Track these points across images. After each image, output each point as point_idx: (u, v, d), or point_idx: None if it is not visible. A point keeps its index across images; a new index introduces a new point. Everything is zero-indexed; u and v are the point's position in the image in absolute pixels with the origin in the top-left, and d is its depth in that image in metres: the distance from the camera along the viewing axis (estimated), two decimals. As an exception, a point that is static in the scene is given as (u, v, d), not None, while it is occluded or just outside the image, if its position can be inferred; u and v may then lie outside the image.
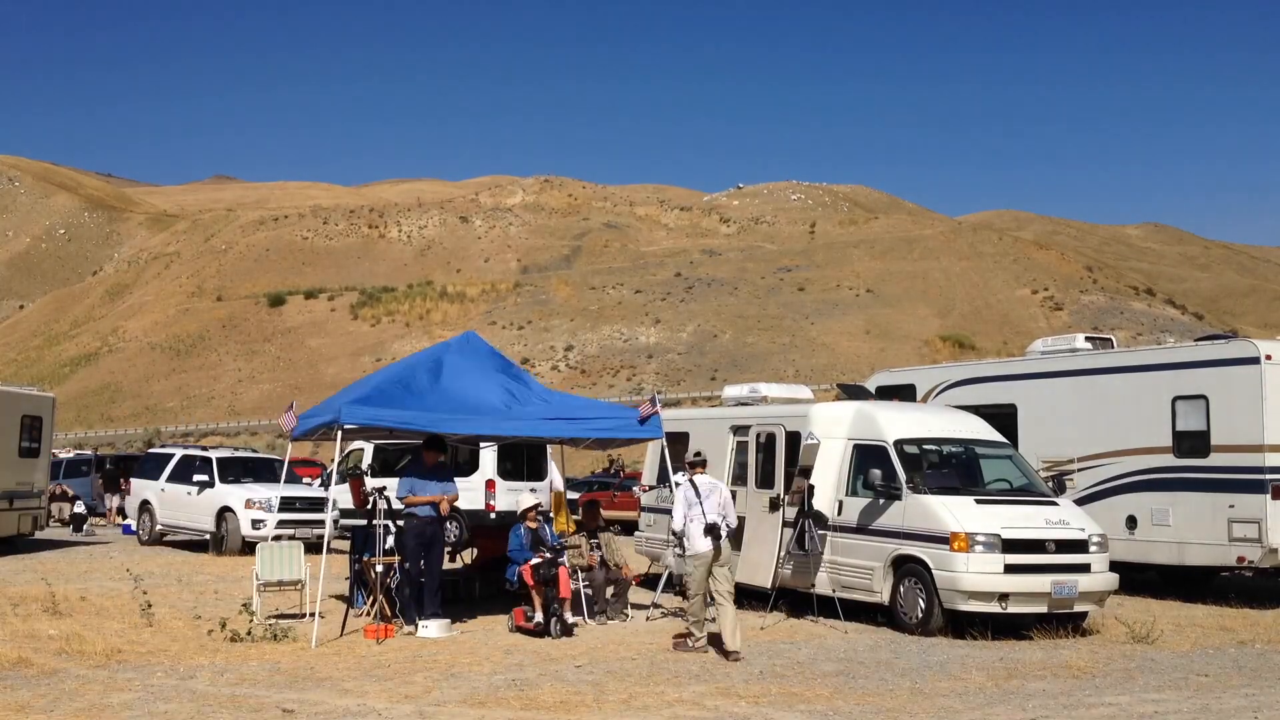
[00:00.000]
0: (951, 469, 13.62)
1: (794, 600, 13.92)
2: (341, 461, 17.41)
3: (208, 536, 21.97)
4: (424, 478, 12.68)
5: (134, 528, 24.96)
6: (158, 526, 23.71)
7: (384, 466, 21.03)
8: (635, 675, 9.91)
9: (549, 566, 12.68)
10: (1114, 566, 13.08)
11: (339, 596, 13.86)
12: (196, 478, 22.39)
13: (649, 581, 15.61)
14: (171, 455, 24.59)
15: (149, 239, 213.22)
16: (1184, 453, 15.55)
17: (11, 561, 19.46)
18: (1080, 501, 15.46)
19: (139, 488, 24.62)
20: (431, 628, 11.95)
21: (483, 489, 20.34)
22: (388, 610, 12.10)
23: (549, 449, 20.49)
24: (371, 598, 12.18)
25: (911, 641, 12.01)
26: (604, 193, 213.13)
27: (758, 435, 14.87)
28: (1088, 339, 18.00)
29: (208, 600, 14.73)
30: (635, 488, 27.01)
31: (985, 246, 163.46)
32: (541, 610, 12.24)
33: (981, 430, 14.23)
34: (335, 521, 18.65)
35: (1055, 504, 13.09)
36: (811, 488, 13.06)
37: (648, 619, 13.52)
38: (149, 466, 25.09)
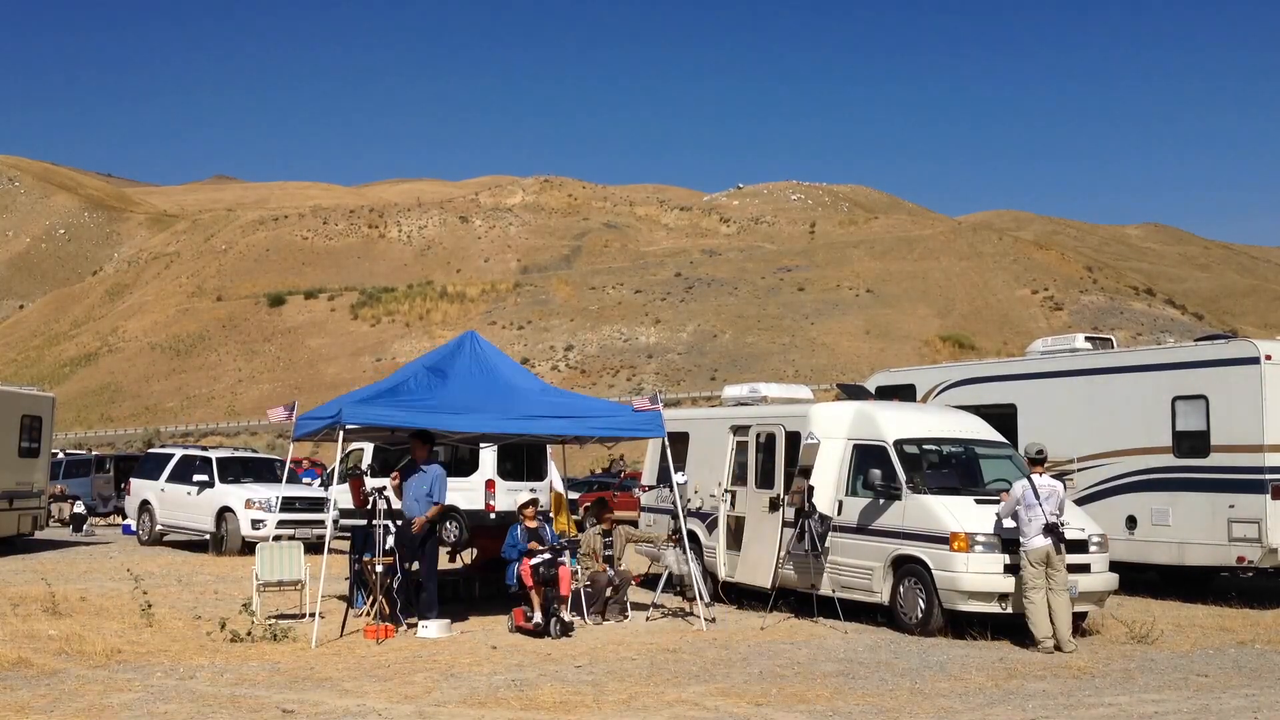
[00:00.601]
0: (951, 469, 13.62)
1: (795, 600, 13.94)
2: (342, 462, 17.42)
3: (208, 536, 21.98)
4: (414, 476, 12.70)
5: (134, 528, 24.98)
6: (157, 526, 23.73)
7: (384, 466, 21.01)
8: (635, 675, 9.92)
9: (549, 566, 12.69)
10: (1114, 566, 13.10)
11: (339, 596, 13.87)
12: (196, 478, 22.40)
13: (649, 581, 15.61)
14: (171, 455, 24.61)
15: (149, 239, 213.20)
16: (1184, 453, 15.55)
17: (11, 561, 19.46)
18: (1080, 501, 15.47)
19: (139, 488, 24.63)
20: (431, 628, 11.96)
21: (482, 489, 20.35)
22: (388, 610, 12.10)
23: (549, 449, 20.51)
24: (371, 598, 12.19)
25: (911, 641, 12.02)
26: (604, 193, 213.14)
27: (758, 435, 14.87)
28: (1088, 339, 18.01)
29: (208, 600, 14.73)
30: (635, 488, 27.03)
31: (985, 246, 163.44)
32: (541, 610, 12.25)
33: (981, 430, 14.24)
34: (335, 521, 18.66)
35: (1055, 504, 13.09)
36: (811, 488, 13.08)
37: (648, 619, 13.52)
38: (149, 466, 25.11)
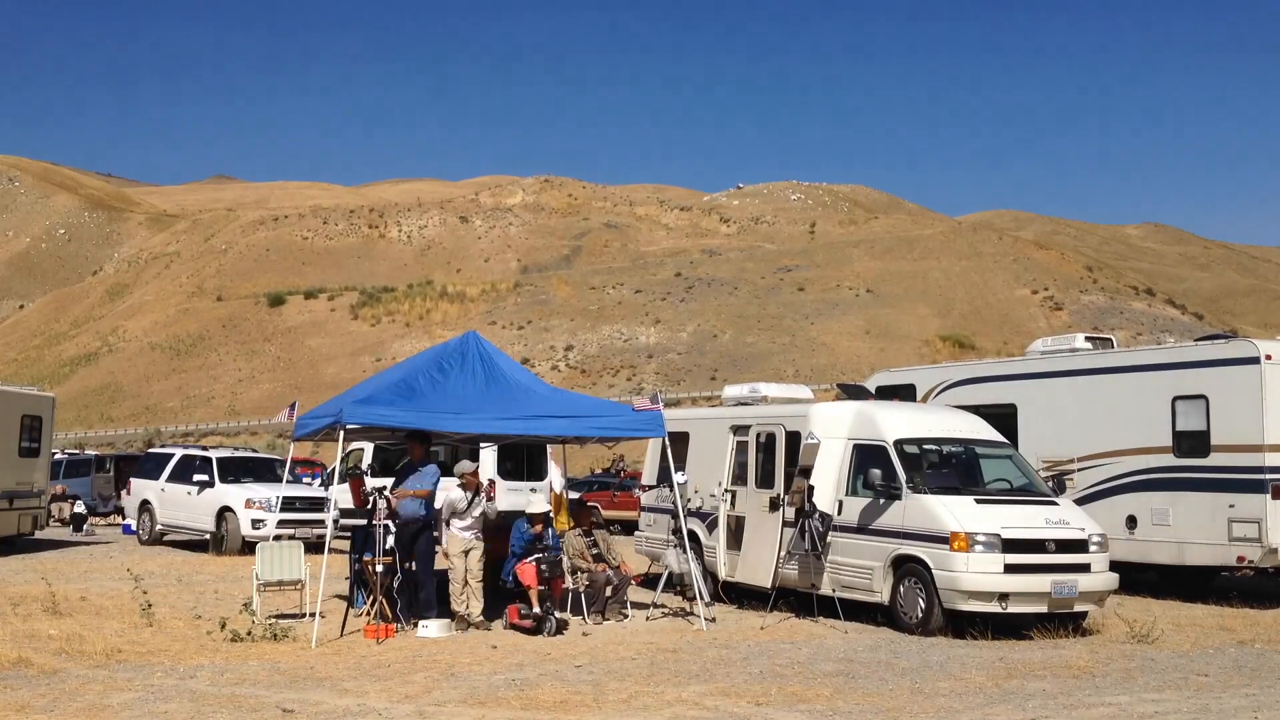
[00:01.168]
0: (951, 469, 13.62)
1: (795, 600, 13.94)
2: (342, 462, 17.42)
3: (208, 536, 21.98)
4: (410, 475, 12.70)
5: (134, 528, 24.98)
6: (158, 526, 23.73)
7: (384, 466, 21.01)
8: (635, 675, 9.92)
9: (554, 567, 12.70)
10: (1114, 566, 13.10)
11: (339, 596, 13.87)
12: (196, 477, 22.42)
13: (649, 581, 15.62)
14: (171, 455, 24.62)
15: (149, 239, 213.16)
16: (1184, 453, 15.56)
17: (11, 561, 19.47)
18: (1080, 501, 15.47)
19: (139, 488, 24.63)
20: (431, 628, 11.96)
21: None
22: (388, 610, 12.10)
23: (549, 449, 20.48)
24: (371, 598, 12.19)
25: (911, 641, 12.02)
26: (604, 193, 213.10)
27: (758, 435, 14.87)
28: (1088, 339, 18.01)
29: (208, 600, 14.73)
30: (635, 488, 27.02)
31: (985, 246, 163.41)
32: (538, 608, 12.26)
33: (981, 430, 14.24)
34: (335, 521, 18.66)
35: (1055, 504, 13.10)
36: (811, 488, 13.08)
37: (648, 619, 13.52)
38: (149, 466, 25.11)
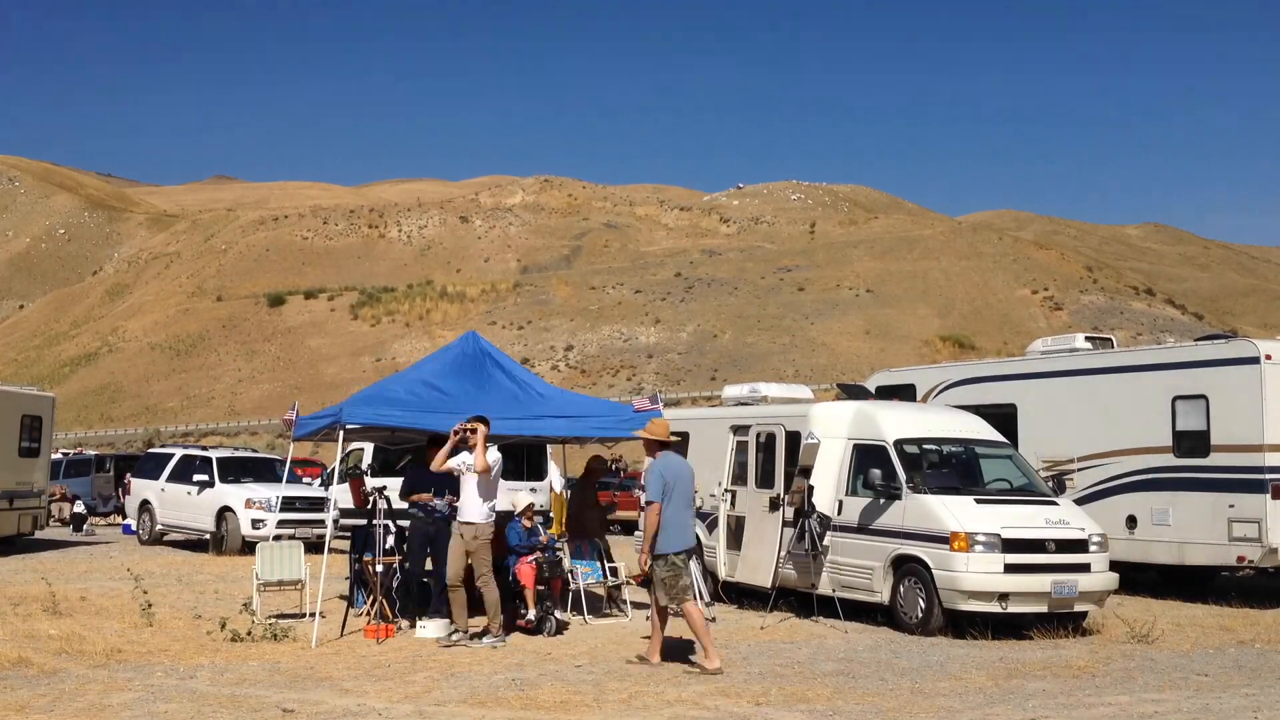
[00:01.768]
0: (951, 469, 13.62)
1: (795, 600, 13.93)
2: (342, 462, 17.44)
3: (208, 536, 21.98)
4: (428, 476, 12.70)
5: (134, 528, 24.98)
6: (158, 526, 23.72)
7: (384, 466, 21.00)
8: (635, 675, 9.92)
9: (554, 567, 12.69)
10: (1114, 566, 13.09)
11: (339, 596, 13.87)
12: (196, 477, 22.41)
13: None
14: (171, 455, 24.62)
15: (149, 239, 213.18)
16: (1184, 453, 15.55)
17: (11, 561, 19.46)
18: (1080, 501, 15.46)
19: (139, 488, 24.63)
20: (431, 628, 11.96)
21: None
22: (388, 610, 12.10)
23: (549, 449, 20.47)
24: (371, 598, 12.19)
25: (911, 641, 12.01)
26: (604, 193, 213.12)
27: (758, 435, 14.87)
28: (1088, 339, 18.01)
29: (208, 600, 14.73)
30: (635, 488, 27.02)
31: (985, 246, 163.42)
32: (535, 609, 12.26)
33: (981, 430, 14.23)
34: (335, 521, 18.66)
35: (1055, 504, 13.10)
36: (811, 487, 13.08)
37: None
38: (149, 466, 25.10)
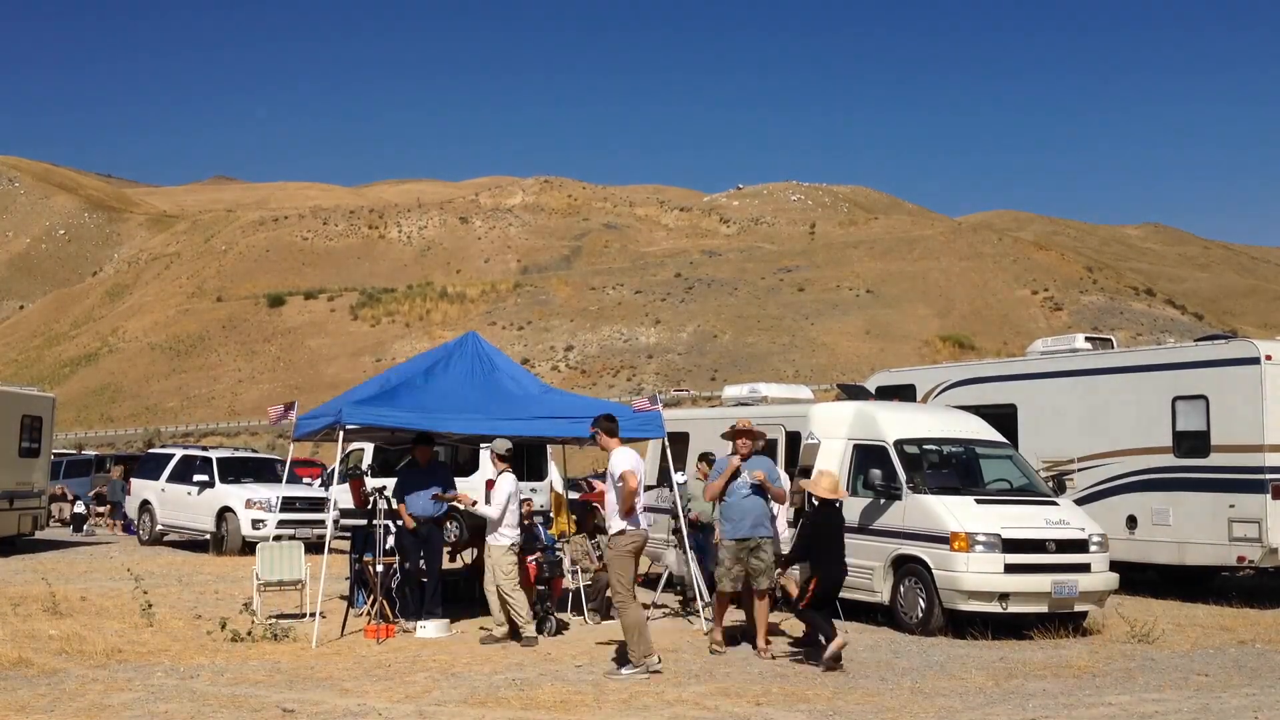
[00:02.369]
0: (951, 469, 13.62)
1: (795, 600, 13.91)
2: (342, 462, 17.45)
3: (208, 536, 21.98)
4: (419, 476, 12.72)
5: (134, 528, 24.98)
6: (158, 526, 23.73)
7: (384, 466, 21.01)
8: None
9: (553, 567, 12.69)
10: (1114, 566, 13.09)
11: (339, 596, 13.87)
12: (196, 478, 22.41)
13: (649, 582, 15.60)
14: (171, 455, 24.62)
15: (149, 239, 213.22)
16: (1184, 453, 15.56)
17: (11, 561, 19.47)
18: (1080, 501, 15.47)
19: (139, 488, 24.63)
20: (431, 628, 11.96)
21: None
22: (388, 610, 12.11)
23: (549, 449, 20.48)
24: (372, 598, 12.19)
25: (911, 641, 12.02)
26: (604, 193, 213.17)
27: (758, 435, 14.84)
28: (1088, 339, 18.02)
29: (208, 600, 14.74)
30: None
31: (985, 247, 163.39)
32: (535, 608, 12.27)
33: (981, 430, 14.23)
34: (335, 521, 18.67)
35: (1055, 504, 13.10)
36: (811, 488, 13.06)
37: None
38: (149, 466, 25.11)
